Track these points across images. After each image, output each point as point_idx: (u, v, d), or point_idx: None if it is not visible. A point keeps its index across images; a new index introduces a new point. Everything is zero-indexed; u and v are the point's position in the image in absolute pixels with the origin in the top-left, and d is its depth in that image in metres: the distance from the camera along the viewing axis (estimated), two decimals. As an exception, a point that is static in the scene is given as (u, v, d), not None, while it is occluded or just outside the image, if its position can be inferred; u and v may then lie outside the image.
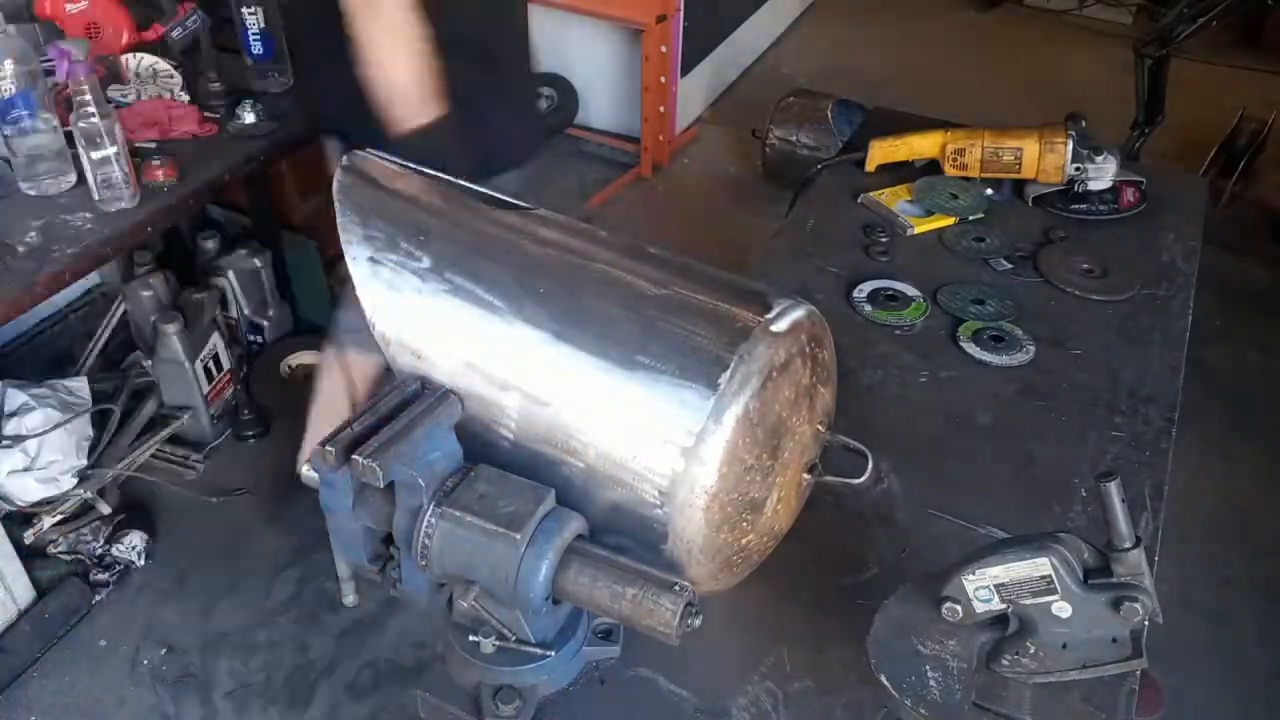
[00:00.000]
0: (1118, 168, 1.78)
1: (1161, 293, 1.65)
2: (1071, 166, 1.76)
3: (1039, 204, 1.82)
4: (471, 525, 0.91)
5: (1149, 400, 1.44)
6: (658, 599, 0.88)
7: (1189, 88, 3.89)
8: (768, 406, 0.96)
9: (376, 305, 1.04)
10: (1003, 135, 1.78)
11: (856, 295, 1.62)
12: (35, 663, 2.13)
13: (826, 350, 1.07)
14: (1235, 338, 3.06)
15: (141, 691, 2.12)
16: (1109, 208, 1.80)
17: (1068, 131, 1.76)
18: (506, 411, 0.99)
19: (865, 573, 1.19)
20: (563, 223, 1.12)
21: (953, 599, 0.95)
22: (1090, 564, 0.92)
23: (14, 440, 2.14)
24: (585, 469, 0.96)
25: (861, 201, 1.86)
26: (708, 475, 0.92)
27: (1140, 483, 1.30)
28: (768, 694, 1.05)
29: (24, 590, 2.14)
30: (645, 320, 0.97)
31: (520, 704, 1.00)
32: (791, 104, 3.63)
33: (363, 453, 0.90)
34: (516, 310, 1.00)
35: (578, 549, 0.93)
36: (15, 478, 2.14)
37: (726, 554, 1.00)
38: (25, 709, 2.07)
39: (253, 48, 2.20)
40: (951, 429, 1.40)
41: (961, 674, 0.98)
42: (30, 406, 2.18)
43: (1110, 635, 0.93)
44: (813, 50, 4.83)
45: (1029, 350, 1.51)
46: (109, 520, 2.32)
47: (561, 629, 1.03)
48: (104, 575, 2.29)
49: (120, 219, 1.83)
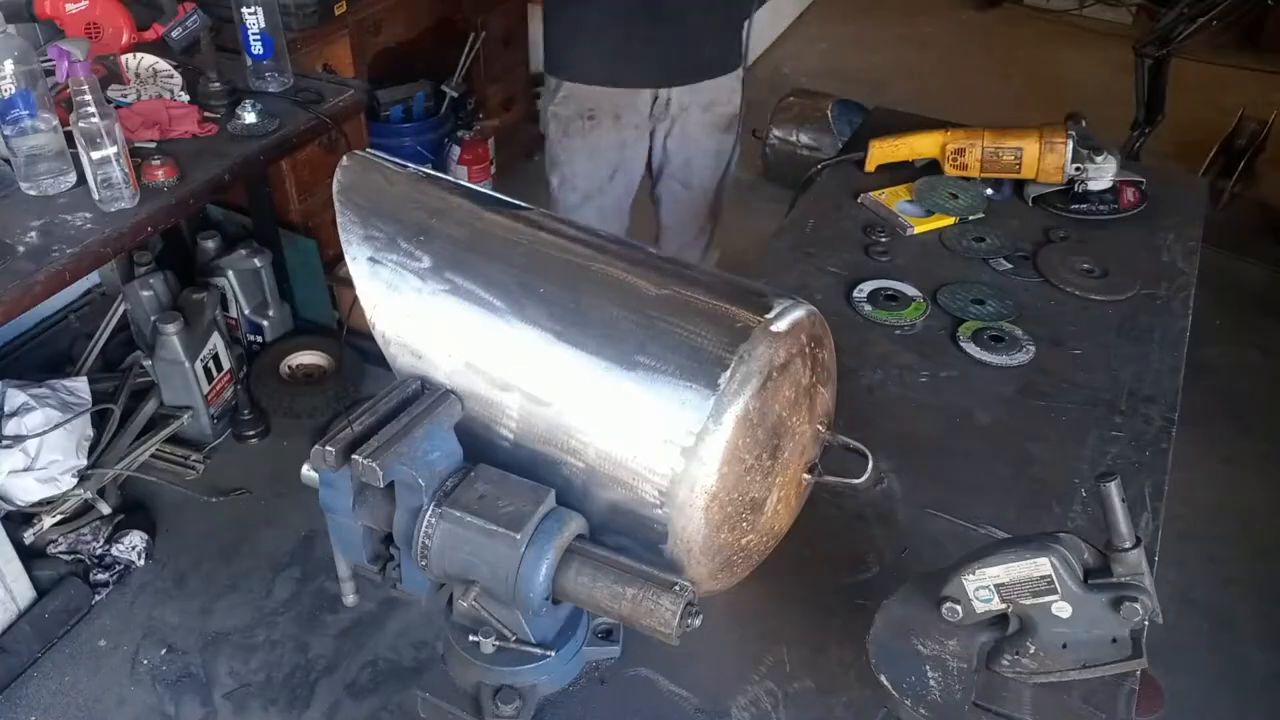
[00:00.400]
0: (1118, 168, 1.78)
1: (1161, 293, 1.66)
2: (1071, 166, 1.76)
3: (1039, 204, 1.82)
4: (471, 525, 0.91)
5: (1149, 400, 1.44)
6: (658, 599, 0.88)
7: (1189, 88, 3.89)
8: (768, 406, 0.96)
9: (376, 305, 1.04)
10: (1003, 135, 1.78)
11: (856, 295, 1.62)
12: (35, 662, 2.14)
13: (826, 350, 1.07)
14: (1235, 338, 3.06)
15: (141, 691, 2.12)
16: (1109, 208, 1.80)
17: (1068, 131, 1.76)
18: (507, 412, 0.99)
19: (865, 573, 1.19)
20: (562, 223, 1.12)
21: (953, 599, 0.95)
22: (1090, 564, 0.92)
23: (14, 440, 2.14)
24: (585, 469, 0.96)
25: (861, 201, 1.86)
26: (708, 475, 0.92)
27: (1140, 483, 1.30)
28: (768, 694, 1.05)
29: (24, 590, 2.14)
30: (645, 320, 0.97)
31: (520, 704, 1.00)
32: (791, 104, 3.64)
33: (363, 453, 0.90)
34: (517, 310, 1.00)
35: (577, 549, 0.93)
36: (15, 478, 2.15)
37: (727, 554, 1.00)
38: (26, 708, 2.07)
39: (252, 48, 2.20)
40: (951, 429, 1.40)
41: (961, 674, 0.98)
42: (30, 406, 2.18)
43: (1110, 635, 0.93)
44: (813, 50, 4.84)
45: (1029, 350, 1.51)
46: (109, 520, 2.32)
47: (561, 629, 1.03)
48: (104, 575, 2.29)
49: (120, 219, 1.83)
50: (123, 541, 2.32)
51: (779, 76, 4.55)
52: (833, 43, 4.90)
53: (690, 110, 2.24)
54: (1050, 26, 5.13)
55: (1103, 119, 4.26)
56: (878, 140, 1.90)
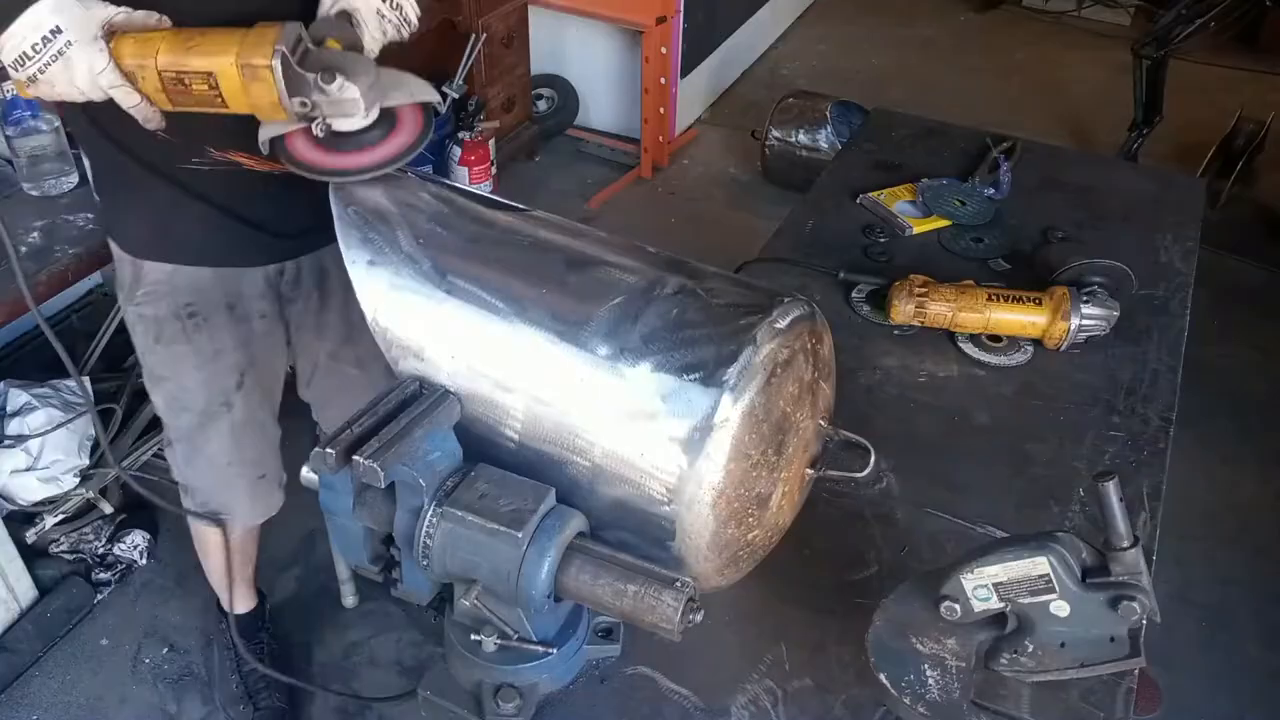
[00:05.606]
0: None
1: (1159, 293, 1.66)
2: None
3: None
4: (473, 524, 0.92)
5: (1147, 400, 1.44)
6: (659, 595, 0.89)
7: (1187, 89, 3.90)
8: (772, 402, 0.97)
9: (377, 308, 1.04)
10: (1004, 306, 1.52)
11: (855, 296, 1.62)
12: (37, 661, 2.14)
13: (826, 346, 1.07)
14: (1233, 338, 3.07)
15: (143, 690, 2.12)
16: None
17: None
18: (511, 413, 0.99)
19: (864, 571, 1.19)
20: (562, 224, 1.13)
21: (951, 598, 0.95)
22: (1088, 563, 0.93)
23: (16, 440, 2.14)
24: (591, 467, 0.97)
25: (860, 202, 1.87)
26: (715, 471, 0.93)
27: (1138, 482, 1.30)
28: (767, 692, 1.06)
29: (26, 589, 2.14)
30: (648, 319, 0.98)
31: (521, 702, 1.01)
32: (791, 105, 3.64)
33: (363, 454, 0.90)
34: (519, 311, 1.00)
35: (579, 546, 0.93)
36: (17, 477, 2.15)
37: (733, 549, 1.00)
38: (28, 708, 2.07)
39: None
40: (950, 429, 1.40)
41: (960, 672, 0.98)
42: (32, 406, 2.18)
43: (1108, 634, 0.94)
44: (812, 51, 4.84)
45: (1027, 350, 1.52)
46: (111, 519, 2.32)
47: (562, 627, 1.03)
48: (106, 574, 2.29)
49: (122, 220, 1.83)
50: (124, 541, 2.33)
51: (778, 77, 4.56)
52: (832, 44, 4.90)
53: (332, 273, 1.57)
54: (1049, 28, 5.13)
55: (1101, 120, 4.28)
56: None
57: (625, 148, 3.92)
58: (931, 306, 1.49)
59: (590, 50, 3.85)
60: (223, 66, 1.04)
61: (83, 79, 1.05)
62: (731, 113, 4.28)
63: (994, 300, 1.49)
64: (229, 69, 1.04)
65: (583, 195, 3.74)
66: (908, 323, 1.53)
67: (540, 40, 3.67)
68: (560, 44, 3.85)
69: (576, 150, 3.99)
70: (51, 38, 1.03)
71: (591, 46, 3.84)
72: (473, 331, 1.01)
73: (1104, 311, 1.48)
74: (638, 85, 3.71)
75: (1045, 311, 1.48)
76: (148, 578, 2.33)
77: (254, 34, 1.05)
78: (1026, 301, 1.49)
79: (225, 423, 1.59)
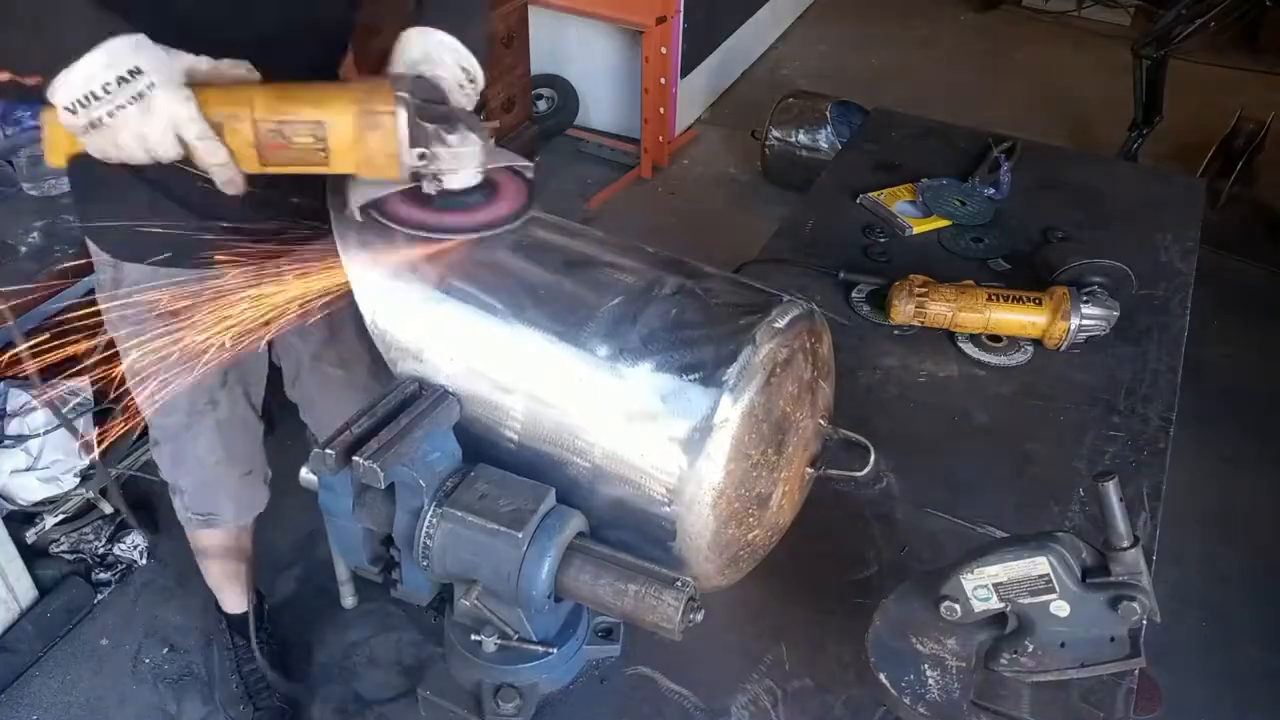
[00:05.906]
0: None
1: (1159, 293, 1.66)
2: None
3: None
4: (473, 525, 0.92)
5: (1147, 400, 1.44)
6: (660, 595, 0.89)
7: (1187, 89, 3.90)
8: (772, 401, 0.97)
9: (375, 310, 1.04)
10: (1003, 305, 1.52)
11: (855, 296, 1.62)
12: (37, 661, 2.14)
13: (825, 345, 1.08)
14: (1233, 338, 3.07)
15: (143, 690, 2.12)
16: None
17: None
18: (511, 414, 0.99)
19: (864, 571, 1.19)
20: (561, 224, 1.13)
21: (951, 598, 0.95)
22: (1088, 563, 0.92)
23: (16, 440, 2.14)
24: (591, 468, 0.97)
25: (860, 202, 1.87)
26: (715, 471, 0.93)
27: (1138, 482, 1.30)
28: (767, 692, 1.06)
29: (26, 589, 2.14)
30: (648, 319, 0.98)
31: (521, 702, 1.01)
32: (791, 105, 3.64)
33: (363, 454, 0.90)
34: (518, 312, 1.00)
35: (579, 546, 0.94)
36: (18, 477, 2.15)
37: (734, 549, 1.00)
38: (28, 708, 2.07)
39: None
40: (950, 429, 1.40)
41: (960, 672, 0.98)
42: (32, 406, 2.18)
43: (1108, 634, 0.94)
44: (812, 51, 4.84)
45: (1027, 350, 1.52)
46: (111, 519, 2.32)
47: (562, 627, 1.03)
48: (106, 574, 2.29)
49: (122, 220, 1.83)
50: (124, 541, 2.33)
51: (778, 77, 4.56)
52: (832, 44, 4.90)
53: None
54: (1049, 28, 5.14)
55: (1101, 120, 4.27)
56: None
57: (625, 148, 3.92)
58: (931, 306, 1.50)
59: (590, 50, 3.85)
60: (336, 115, 0.94)
61: (159, 128, 0.92)
62: (731, 113, 4.27)
63: (994, 300, 1.49)
64: (343, 118, 0.94)
65: (583, 195, 3.74)
66: (908, 323, 1.53)
67: (540, 40, 3.67)
68: (560, 44, 3.85)
69: (576, 150, 3.99)
70: (129, 79, 0.90)
71: (591, 46, 3.84)
72: (472, 332, 1.01)
73: (1104, 311, 1.48)
74: (638, 85, 3.71)
75: (1045, 311, 1.48)
76: (148, 578, 2.33)
77: (370, 82, 0.97)
78: (1026, 301, 1.50)
79: (211, 420, 1.58)
